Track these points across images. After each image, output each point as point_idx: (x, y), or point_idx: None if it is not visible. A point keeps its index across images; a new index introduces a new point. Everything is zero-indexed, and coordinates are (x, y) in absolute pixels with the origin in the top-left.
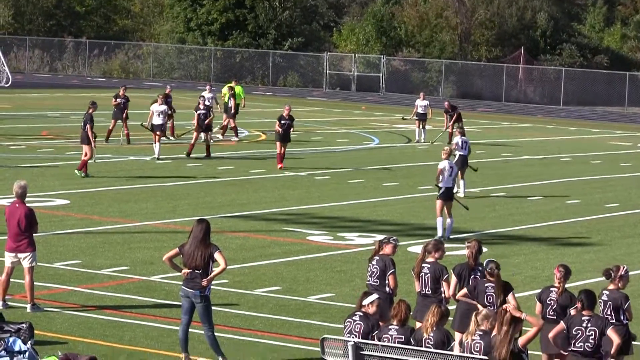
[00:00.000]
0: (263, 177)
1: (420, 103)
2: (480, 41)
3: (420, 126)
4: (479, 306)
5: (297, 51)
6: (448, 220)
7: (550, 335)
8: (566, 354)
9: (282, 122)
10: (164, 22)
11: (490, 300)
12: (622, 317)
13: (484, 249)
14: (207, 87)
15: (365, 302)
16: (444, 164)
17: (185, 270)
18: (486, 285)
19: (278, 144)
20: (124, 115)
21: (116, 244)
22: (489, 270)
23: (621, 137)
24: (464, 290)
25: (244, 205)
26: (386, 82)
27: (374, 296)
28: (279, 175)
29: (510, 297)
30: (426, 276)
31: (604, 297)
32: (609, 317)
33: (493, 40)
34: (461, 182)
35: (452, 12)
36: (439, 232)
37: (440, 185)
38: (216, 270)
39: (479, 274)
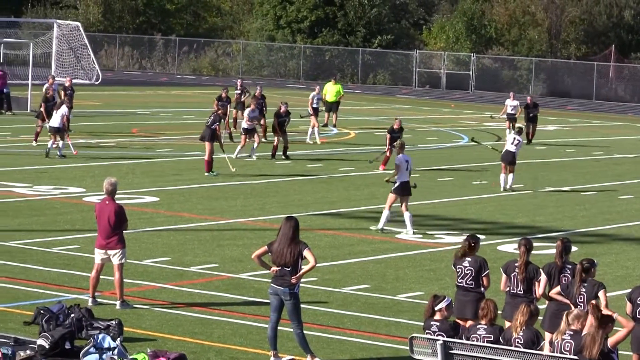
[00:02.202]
0: (352, 174)
1: (511, 103)
2: (569, 39)
3: (510, 126)
4: (571, 305)
5: (386, 49)
6: (407, 214)
7: None
8: None
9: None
10: (253, 20)
11: (582, 300)
12: None
13: (574, 248)
14: (317, 89)
15: (440, 306)
16: (399, 159)
17: (274, 268)
18: (578, 284)
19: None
20: (227, 115)
21: (205, 242)
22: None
23: None
24: (558, 289)
25: (333, 203)
26: (476, 80)
27: (448, 299)
28: (369, 173)
29: (601, 294)
30: (519, 276)
31: None
32: None
33: (582, 38)
34: (510, 177)
35: (540, 9)
36: (380, 225)
37: (396, 180)
38: (305, 267)
39: (568, 272)
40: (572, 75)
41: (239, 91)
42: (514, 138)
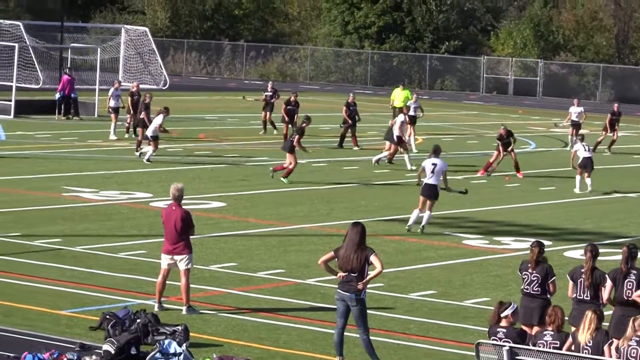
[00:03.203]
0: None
1: (575, 110)
2: (637, 45)
3: (574, 132)
4: None
5: (453, 55)
6: (427, 212)
7: None
8: None
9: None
10: (321, 26)
11: None
12: None
13: None
14: (414, 97)
15: (506, 313)
16: (424, 163)
17: (341, 274)
18: None
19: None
20: (294, 120)
21: (272, 247)
22: None
23: None
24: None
25: (400, 208)
26: (543, 86)
27: (514, 306)
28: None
29: None
30: (585, 282)
31: None
32: None
33: None
34: (587, 181)
35: (608, 15)
36: (409, 222)
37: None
38: (372, 273)
39: (633, 278)
40: None
41: (270, 93)
42: (583, 146)
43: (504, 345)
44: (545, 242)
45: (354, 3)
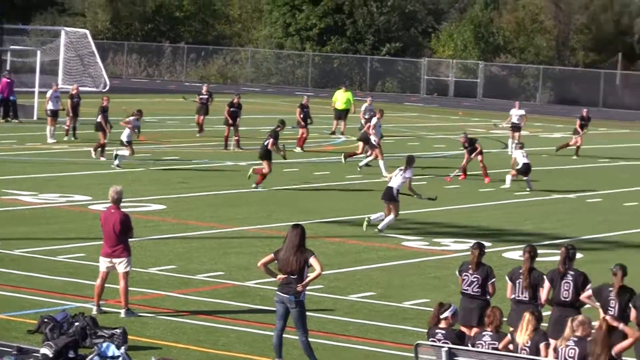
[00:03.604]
0: (358, 182)
1: (516, 112)
2: (576, 46)
3: (514, 136)
4: (601, 310)
5: (394, 57)
6: (390, 217)
7: None
8: None
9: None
10: (262, 28)
11: (613, 305)
12: None
13: (580, 255)
14: (368, 100)
15: (445, 314)
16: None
17: (280, 276)
18: (609, 290)
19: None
20: (237, 122)
21: (211, 249)
22: (612, 273)
23: None
24: (589, 292)
25: (339, 210)
26: (484, 87)
27: (453, 307)
28: (376, 180)
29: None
30: (523, 282)
31: None
32: None
33: (590, 45)
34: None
35: (548, 16)
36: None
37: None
38: (311, 275)
39: (570, 279)
40: (579, 83)
41: (205, 96)
42: (522, 152)
43: (443, 347)
44: (485, 243)
45: (295, 5)
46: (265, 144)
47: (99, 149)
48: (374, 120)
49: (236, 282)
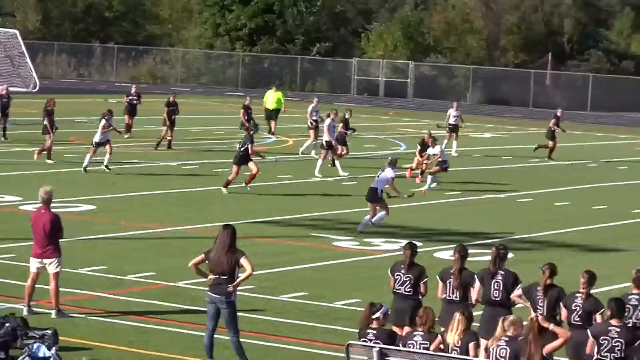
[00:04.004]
0: (290, 182)
1: (453, 113)
2: (507, 47)
3: (452, 137)
4: (531, 310)
5: (325, 57)
6: (378, 215)
7: (588, 351)
8: None
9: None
10: (192, 28)
11: (541, 304)
12: None
13: (511, 255)
14: (315, 101)
15: (377, 315)
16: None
17: (211, 276)
18: (537, 289)
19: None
20: (171, 121)
21: (142, 250)
22: (541, 272)
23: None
24: (519, 291)
25: (271, 210)
26: (414, 87)
27: (385, 308)
28: (307, 181)
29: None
30: (454, 282)
31: (634, 302)
32: (638, 322)
33: (520, 45)
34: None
35: (478, 17)
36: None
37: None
38: (242, 275)
39: (501, 279)
40: (510, 82)
41: (135, 97)
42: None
43: (374, 347)
44: (416, 243)
45: (225, 5)
46: (242, 149)
47: (43, 152)
48: (328, 120)
49: (167, 283)
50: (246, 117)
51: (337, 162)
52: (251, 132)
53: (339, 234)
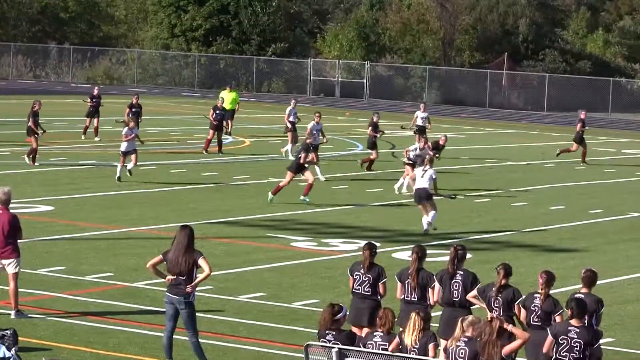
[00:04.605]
0: (247, 183)
1: (421, 114)
2: (463, 47)
3: (419, 139)
4: (487, 310)
5: (280, 57)
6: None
7: (544, 350)
8: None
9: (134, 109)
10: (148, 29)
11: (496, 305)
12: (593, 322)
13: (469, 255)
14: (292, 103)
15: (338, 316)
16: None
17: (170, 277)
18: (493, 289)
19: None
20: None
21: (101, 250)
22: (496, 272)
23: (604, 143)
24: (475, 292)
25: (229, 211)
26: (370, 88)
27: (344, 308)
28: (264, 181)
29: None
30: (411, 283)
31: None
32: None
33: (476, 46)
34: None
35: (434, 17)
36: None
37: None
38: (200, 276)
39: (460, 279)
40: (466, 83)
41: (98, 99)
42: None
43: (333, 347)
44: (376, 244)
45: (180, 6)
46: (298, 157)
47: (31, 155)
48: (311, 123)
49: (126, 283)
50: (214, 117)
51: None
52: (308, 141)
53: (297, 235)
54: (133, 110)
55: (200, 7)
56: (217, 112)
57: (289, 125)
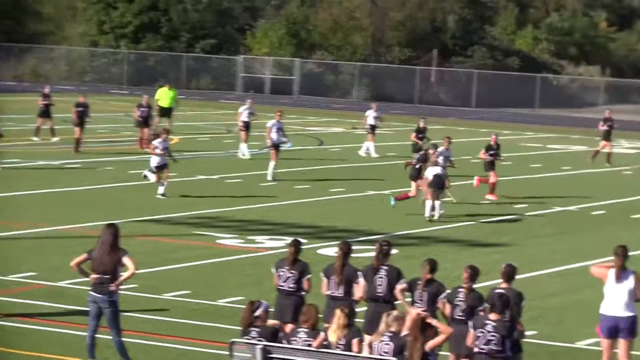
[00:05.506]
0: (174, 180)
1: (373, 114)
2: (392, 43)
3: (370, 139)
4: (407, 307)
5: (210, 54)
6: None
7: (468, 343)
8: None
9: (79, 108)
10: (76, 25)
11: (421, 299)
12: (514, 315)
13: (395, 250)
14: (248, 102)
15: (258, 312)
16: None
17: (94, 275)
18: (418, 283)
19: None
20: (80, 122)
21: (24, 250)
22: (421, 267)
23: (531, 138)
24: (402, 286)
25: (154, 209)
26: (300, 84)
27: (265, 304)
28: (190, 179)
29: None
30: (336, 278)
31: None
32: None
33: (405, 42)
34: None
35: (364, 14)
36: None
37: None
38: (125, 274)
39: (384, 274)
40: (395, 79)
41: (48, 97)
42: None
43: (258, 344)
44: (301, 240)
45: (109, 3)
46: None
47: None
48: (271, 122)
49: (49, 283)
50: (139, 115)
51: (271, 165)
52: (425, 150)
53: (222, 232)
54: (79, 109)
55: (130, 3)
56: (142, 109)
57: (241, 124)
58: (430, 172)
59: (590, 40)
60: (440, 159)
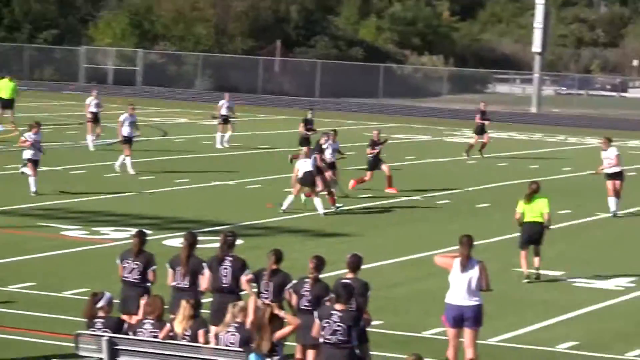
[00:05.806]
0: (15, 172)
1: (225, 104)
2: (235, 33)
3: (223, 129)
4: (254, 298)
5: (52, 45)
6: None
7: (314, 333)
8: None
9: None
10: None
11: (267, 289)
12: (359, 305)
13: (240, 241)
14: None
15: (101, 304)
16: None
17: None
18: (263, 274)
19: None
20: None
21: None
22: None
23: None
24: (249, 277)
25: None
26: (143, 75)
27: (108, 295)
28: (41, 169)
29: (286, 292)
30: (182, 269)
31: None
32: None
33: (248, 32)
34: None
35: (207, 4)
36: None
37: None
38: None
39: (228, 264)
40: (239, 69)
41: None
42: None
43: (104, 335)
44: (146, 231)
45: None
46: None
47: None
48: (124, 115)
49: None
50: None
51: (128, 160)
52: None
53: (67, 223)
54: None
55: None
56: None
57: (89, 116)
58: (302, 168)
59: (433, 30)
60: (329, 152)
